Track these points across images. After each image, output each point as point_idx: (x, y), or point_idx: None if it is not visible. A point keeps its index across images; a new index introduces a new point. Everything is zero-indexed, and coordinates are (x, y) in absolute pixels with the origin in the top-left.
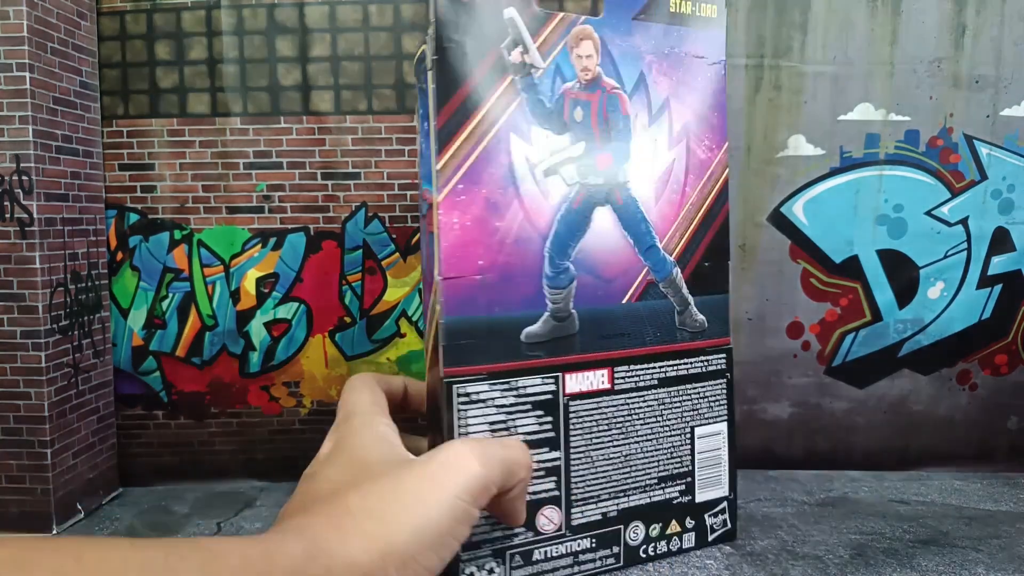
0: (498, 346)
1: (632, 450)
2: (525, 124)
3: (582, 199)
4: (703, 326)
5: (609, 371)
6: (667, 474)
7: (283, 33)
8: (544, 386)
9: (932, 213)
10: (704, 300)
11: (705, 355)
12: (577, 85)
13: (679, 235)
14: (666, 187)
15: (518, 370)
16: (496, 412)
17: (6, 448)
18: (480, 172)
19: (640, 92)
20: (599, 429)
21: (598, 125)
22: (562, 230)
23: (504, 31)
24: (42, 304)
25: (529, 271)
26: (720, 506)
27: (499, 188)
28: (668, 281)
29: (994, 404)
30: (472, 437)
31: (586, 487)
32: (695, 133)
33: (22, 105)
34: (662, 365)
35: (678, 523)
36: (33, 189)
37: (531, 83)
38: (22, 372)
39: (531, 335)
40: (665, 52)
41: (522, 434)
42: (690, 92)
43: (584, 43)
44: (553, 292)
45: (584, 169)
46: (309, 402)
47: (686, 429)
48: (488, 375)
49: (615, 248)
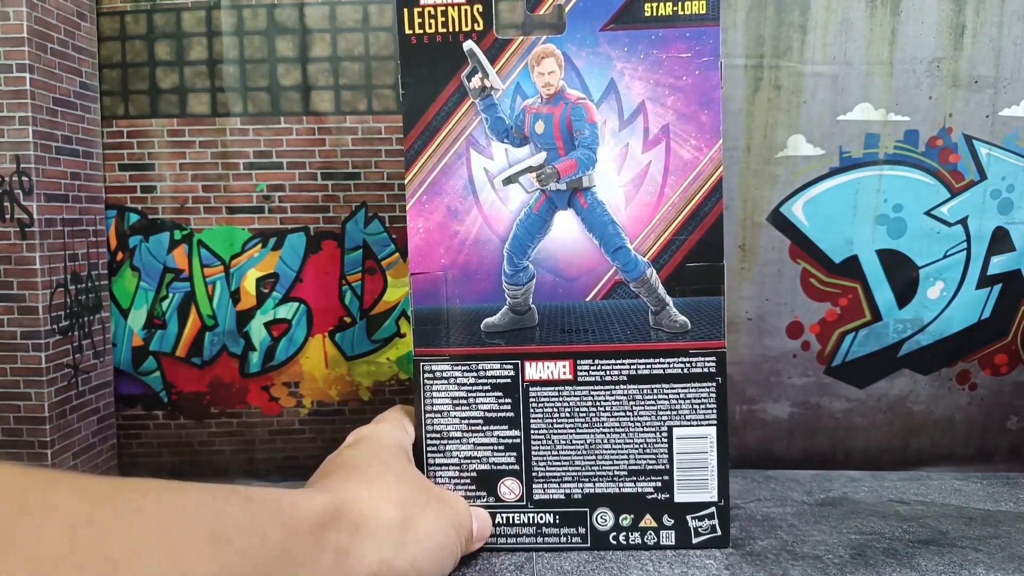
0: (461, 333)
1: (597, 440)
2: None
3: (542, 204)
4: (685, 327)
5: (571, 363)
6: (639, 468)
7: (283, 33)
8: (503, 371)
9: (932, 213)
10: (689, 302)
11: (688, 356)
12: (538, 100)
13: (655, 236)
14: (639, 189)
15: (478, 355)
16: (458, 389)
17: (6, 449)
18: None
19: (610, 99)
20: (561, 415)
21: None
22: (521, 233)
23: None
24: (42, 305)
25: (487, 269)
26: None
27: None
28: (640, 281)
29: (994, 404)
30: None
31: (547, 466)
32: (678, 134)
33: (22, 106)
34: (632, 362)
35: (653, 518)
36: (33, 190)
37: (491, 103)
38: (22, 373)
39: (489, 325)
40: (641, 56)
41: (481, 410)
42: (672, 93)
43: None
44: (512, 288)
45: (545, 177)
46: (309, 402)
47: (662, 428)
48: (451, 357)
49: (578, 249)
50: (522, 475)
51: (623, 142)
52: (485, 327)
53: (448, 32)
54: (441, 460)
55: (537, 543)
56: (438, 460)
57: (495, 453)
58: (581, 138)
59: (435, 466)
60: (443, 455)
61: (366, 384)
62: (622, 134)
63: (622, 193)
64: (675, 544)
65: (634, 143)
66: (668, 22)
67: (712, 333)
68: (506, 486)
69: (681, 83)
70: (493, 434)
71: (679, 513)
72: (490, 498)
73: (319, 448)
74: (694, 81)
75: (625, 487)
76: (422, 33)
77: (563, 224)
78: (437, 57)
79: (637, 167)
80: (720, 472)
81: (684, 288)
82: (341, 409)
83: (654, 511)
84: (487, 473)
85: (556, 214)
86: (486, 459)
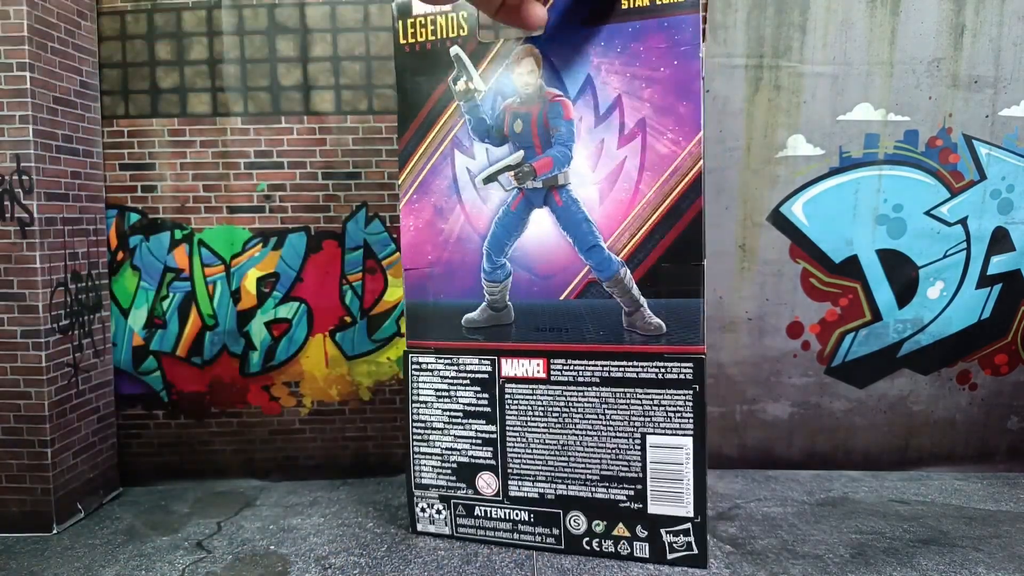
0: (444, 327)
1: (569, 441)
2: (468, 140)
3: (519, 202)
4: (660, 330)
5: (545, 362)
6: (611, 475)
7: (284, 33)
8: (481, 366)
9: (931, 213)
10: (666, 304)
11: (663, 361)
12: (517, 100)
13: (629, 235)
14: (614, 186)
15: (459, 349)
16: (440, 381)
17: (7, 448)
18: (430, 184)
19: (586, 95)
20: (534, 414)
21: (538, 134)
22: (499, 231)
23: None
24: (42, 304)
25: (468, 266)
26: (682, 526)
27: (444, 196)
28: (614, 281)
29: (994, 404)
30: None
31: (521, 464)
32: (655, 127)
33: (22, 105)
34: (605, 364)
35: (626, 527)
36: (33, 189)
37: (474, 105)
38: (22, 372)
39: (469, 320)
40: (618, 50)
41: (461, 404)
42: (649, 85)
43: (524, 61)
44: (490, 285)
45: (522, 175)
46: (309, 402)
47: (635, 435)
48: (435, 350)
49: (553, 247)
50: (498, 470)
51: (598, 138)
52: (465, 323)
53: (436, 39)
54: (425, 449)
55: (513, 539)
56: (422, 449)
57: (473, 446)
58: (557, 135)
59: (419, 455)
60: (427, 444)
61: (366, 384)
62: (597, 130)
63: (596, 190)
64: (649, 557)
65: (609, 139)
66: (646, 13)
67: (690, 337)
68: (484, 480)
69: (659, 74)
70: (471, 427)
71: (653, 525)
72: (469, 491)
73: (319, 448)
74: (672, 72)
75: (597, 492)
76: (414, 42)
77: (539, 222)
78: (427, 63)
79: (612, 163)
80: (697, 486)
81: (660, 289)
82: (341, 409)
83: (627, 520)
84: (466, 466)
85: (533, 212)
86: (465, 451)
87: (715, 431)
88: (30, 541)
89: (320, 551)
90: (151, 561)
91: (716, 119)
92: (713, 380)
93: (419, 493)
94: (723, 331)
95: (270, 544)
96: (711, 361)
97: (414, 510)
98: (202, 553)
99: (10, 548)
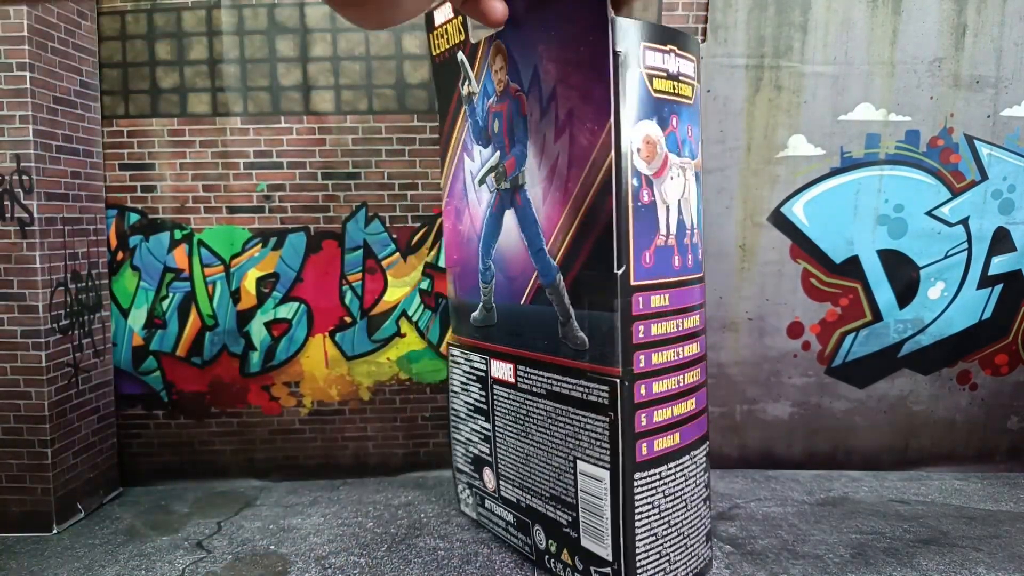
0: (464, 324)
1: (530, 452)
2: (470, 143)
3: (497, 204)
4: (584, 345)
5: (513, 367)
6: (556, 495)
7: (283, 33)
8: (480, 364)
9: (932, 213)
10: (587, 316)
11: (587, 380)
12: (495, 99)
13: (561, 237)
14: (551, 184)
15: (471, 346)
16: (462, 375)
17: (7, 448)
18: (453, 187)
19: (535, 87)
20: (508, 419)
21: (508, 132)
22: (485, 232)
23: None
24: (42, 303)
25: (472, 266)
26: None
27: (460, 199)
28: (552, 287)
29: (994, 404)
30: None
31: (505, 466)
32: (578, 116)
33: (22, 104)
34: (548, 376)
35: (569, 554)
36: (33, 189)
37: (472, 108)
38: (22, 372)
39: (474, 319)
40: (551, 33)
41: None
42: (576, 70)
43: (498, 58)
44: (484, 285)
45: (498, 176)
46: (309, 402)
47: (569, 457)
48: (459, 344)
49: (516, 249)
50: (494, 468)
51: (542, 133)
52: (472, 320)
53: (449, 47)
54: (455, 436)
55: (508, 538)
56: (454, 435)
57: (480, 441)
58: (517, 133)
59: (454, 441)
60: (456, 431)
61: (366, 384)
62: (542, 124)
63: (540, 190)
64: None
65: (549, 133)
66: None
67: (606, 357)
68: (487, 475)
69: (579, 56)
70: (478, 422)
71: (585, 559)
72: (479, 482)
73: (319, 448)
74: (588, 50)
75: (549, 510)
76: (437, 53)
77: (507, 223)
78: (446, 71)
79: (551, 159)
80: (615, 528)
81: (582, 299)
82: (341, 409)
83: (569, 547)
84: (477, 458)
85: (505, 213)
86: (474, 444)
87: (716, 431)
88: (30, 541)
89: (320, 551)
90: (151, 561)
91: (716, 119)
92: (714, 380)
93: (458, 476)
94: (723, 331)
95: (270, 544)
96: (712, 361)
97: (457, 490)
98: (202, 553)
99: (10, 548)
